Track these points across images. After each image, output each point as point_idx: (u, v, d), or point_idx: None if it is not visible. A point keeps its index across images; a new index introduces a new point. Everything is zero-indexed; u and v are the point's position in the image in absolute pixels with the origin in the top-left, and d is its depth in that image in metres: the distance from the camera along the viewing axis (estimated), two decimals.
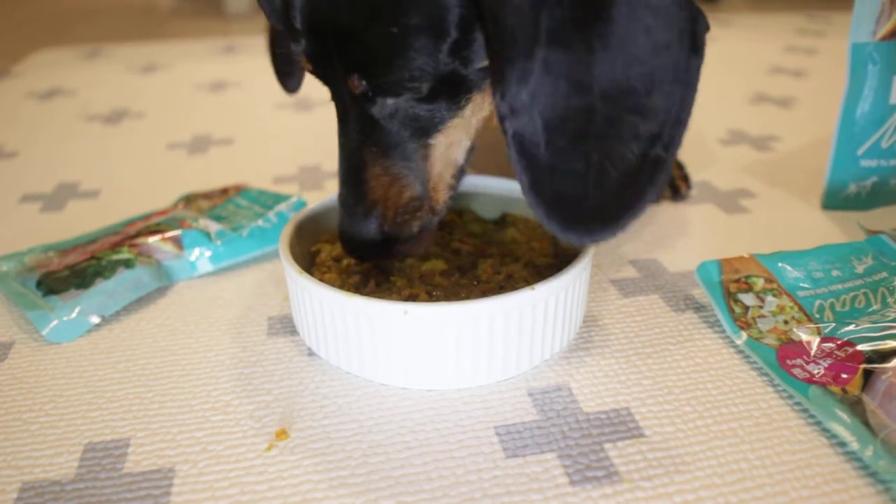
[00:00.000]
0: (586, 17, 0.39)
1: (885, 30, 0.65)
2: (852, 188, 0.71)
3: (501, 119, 0.40)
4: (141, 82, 1.24)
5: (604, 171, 0.41)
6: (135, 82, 1.24)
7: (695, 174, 0.78)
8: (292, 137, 0.94)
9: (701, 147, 0.87)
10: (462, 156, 0.49)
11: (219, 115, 1.04)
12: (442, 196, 0.49)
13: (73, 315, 0.54)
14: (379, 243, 0.48)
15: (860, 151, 0.69)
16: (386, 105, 0.45)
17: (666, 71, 0.41)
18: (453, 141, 0.48)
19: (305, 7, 0.43)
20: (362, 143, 0.47)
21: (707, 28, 0.42)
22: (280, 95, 1.10)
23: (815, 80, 1.17)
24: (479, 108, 0.47)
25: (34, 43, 1.52)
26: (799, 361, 0.48)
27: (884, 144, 0.69)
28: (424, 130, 0.46)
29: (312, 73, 0.46)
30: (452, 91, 0.44)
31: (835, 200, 0.71)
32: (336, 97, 0.47)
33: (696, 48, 0.42)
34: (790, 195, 0.75)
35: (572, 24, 0.39)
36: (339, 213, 0.49)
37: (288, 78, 0.63)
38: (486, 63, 0.43)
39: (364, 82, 0.43)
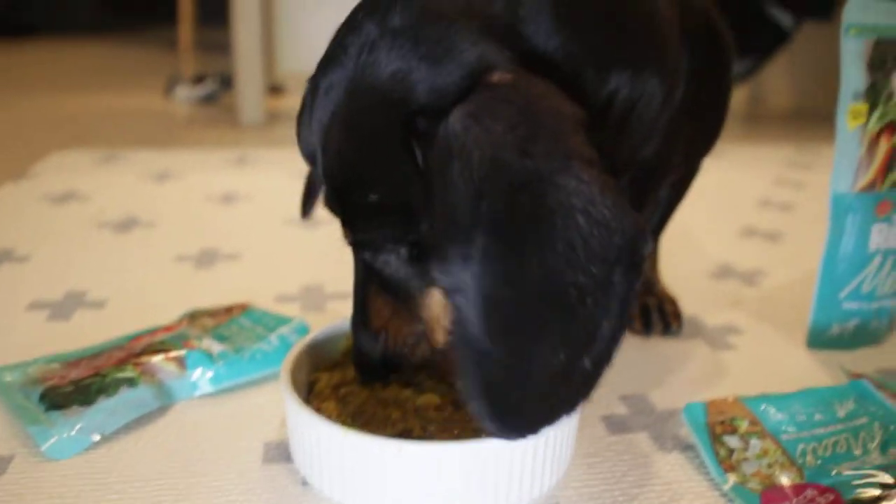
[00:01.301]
0: (525, 213, 0.40)
1: (863, 182, 0.69)
2: (835, 329, 0.73)
3: (445, 294, 0.41)
4: (154, 190, 1.28)
5: (528, 370, 0.41)
6: (148, 190, 1.28)
7: (684, 309, 0.81)
8: (298, 255, 0.97)
9: (691, 281, 0.90)
10: None
11: (228, 228, 1.08)
12: (440, 337, 0.51)
13: (74, 432, 0.55)
14: (384, 364, 0.53)
15: (842, 294, 0.72)
16: (376, 257, 0.49)
17: (601, 283, 0.41)
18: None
19: (321, 159, 0.48)
20: (366, 279, 0.52)
21: (649, 248, 0.42)
22: (288, 211, 1.13)
23: (802, 215, 1.21)
24: None
25: (52, 144, 1.58)
26: None
27: (864, 289, 0.72)
28: (418, 281, 0.50)
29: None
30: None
31: (819, 340, 0.73)
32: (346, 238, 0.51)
33: (633, 265, 0.41)
34: (777, 332, 0.77)
35: (512, 219, 0.40)
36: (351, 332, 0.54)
37: (306, 202, 0.67)
38: None
39: (351, 235, 0.49)
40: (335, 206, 0.49)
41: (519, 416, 0.42)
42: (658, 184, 0.65)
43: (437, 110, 0.42)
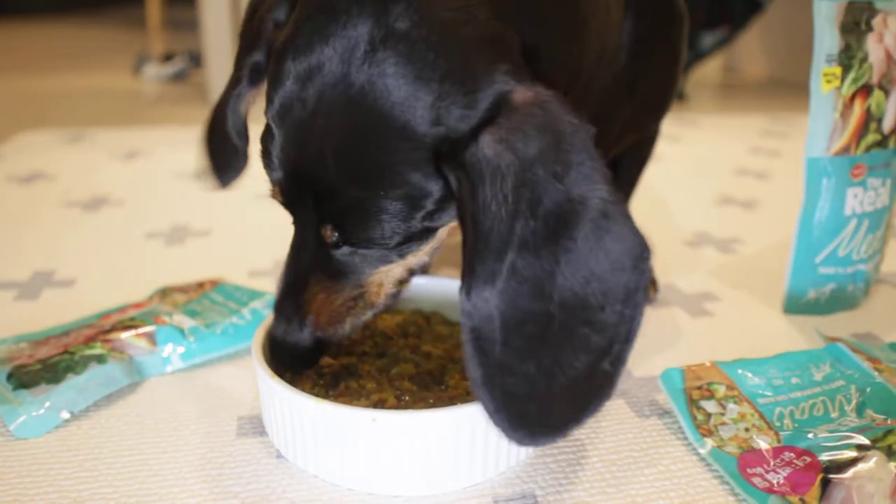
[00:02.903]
0: (556, 232, 0.42)
1: (837, 146, 0.69)
2: (812, 294, 0.73)
3: (463, 314, 0.42)
4: (122, 168, 1.25)
5: (553, 376, 0.42)
6: (116, 168, 1.25)
7: (661, 277, 0.80)
8: (269, 229, 0.96)
9: (668, 249, 0.89)
10: (404, 273, 0.52)
11: (198, 204, 1.06)
12: (380, 299, 0.52)
13: (42, 411, 0.54)
14: (310, 350, 0.51)
15: (818, 259, 0.72)
16: (356, 252, 0.48)
17: (619, 291, 0.43)
18: (393, 268, 0.51)
19: (290, 151, 0.45)
20: (311, 268, 0.50)
21: (649, 256, 0.45)
22: (260, 186, 1.11)
23: (777, 183, 1.21)
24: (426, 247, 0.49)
25: (18, 125, 1.55)
26: (759, 470, 0.49)
27: (840, 253, 0.72)
28: (372, 266, 0.49)
29: (281, 203, 0.49)
30: (411, 242, 0.47)
31: (795, 305, 0.74)
32: (299, 227, 0.49)
33: (643, 272, 0.44)
34: (753, 298, 0.77)
35: (543, 237, 0.42)
36: (272, 321, 0.52)
37: (223, 171, 0.62)
38: (450, 222, 0.47)
39: (336, 234, 0.47)
40: (305, 198, 0.47)
41: (543, 424, 0.42)
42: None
43: (464, 134, 0.42)
